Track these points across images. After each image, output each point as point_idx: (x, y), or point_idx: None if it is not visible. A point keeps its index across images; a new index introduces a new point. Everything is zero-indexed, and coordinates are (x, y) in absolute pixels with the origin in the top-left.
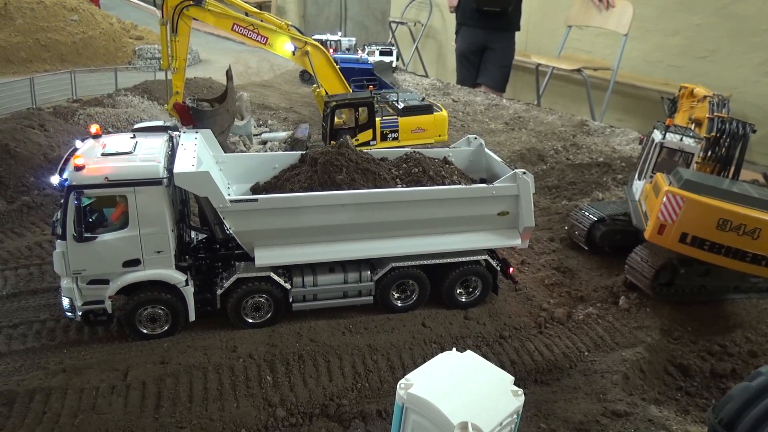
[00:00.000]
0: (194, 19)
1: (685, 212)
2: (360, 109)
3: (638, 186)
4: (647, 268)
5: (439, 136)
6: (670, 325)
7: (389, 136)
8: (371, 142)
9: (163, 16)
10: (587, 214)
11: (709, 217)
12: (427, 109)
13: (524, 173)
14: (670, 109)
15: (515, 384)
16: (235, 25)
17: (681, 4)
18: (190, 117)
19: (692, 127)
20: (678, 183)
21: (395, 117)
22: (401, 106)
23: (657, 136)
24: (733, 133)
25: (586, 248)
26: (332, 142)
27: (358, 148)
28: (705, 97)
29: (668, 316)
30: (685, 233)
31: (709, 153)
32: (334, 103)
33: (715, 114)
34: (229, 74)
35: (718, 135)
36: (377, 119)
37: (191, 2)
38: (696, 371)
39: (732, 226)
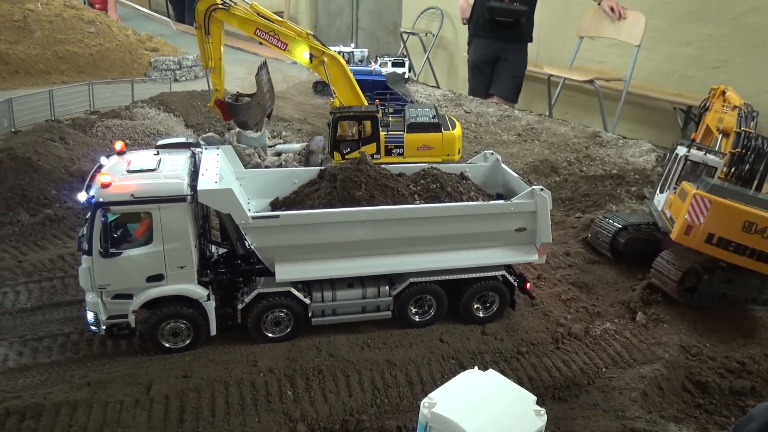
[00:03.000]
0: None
1: (712, 214)
2: (364, 122)
3: (660, 198)
4: (674, 271)
5: (447, 155)
6: (687, 341)
7: (394, 151)
8: (375, 156)
9: (195, 20)
10: (612, 221)
11: (736, 220)
12: (435, 126)
13: (542, 190)
14: (701, 111)
15: (537, 403)
16: (258, 30)
17: (693, 15)
18: (228, 112)
19: (719, 138)
20: (705, 188)
21: (401, 133)
22: (408, 122)
23: (681, 150)
24: (758, 150)
25: (610, 255)
26: (335, 153)
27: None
28: (735, 106)
29: (686, 332)
30: (712, 234)
31: (732, 169)
32: (337, 115)
33: (742, 128)
34: (260, 69)
35: (743, 151)
36: (382, 133)
37: (219, 6)
38: (715, 389)
39: (757, 229)
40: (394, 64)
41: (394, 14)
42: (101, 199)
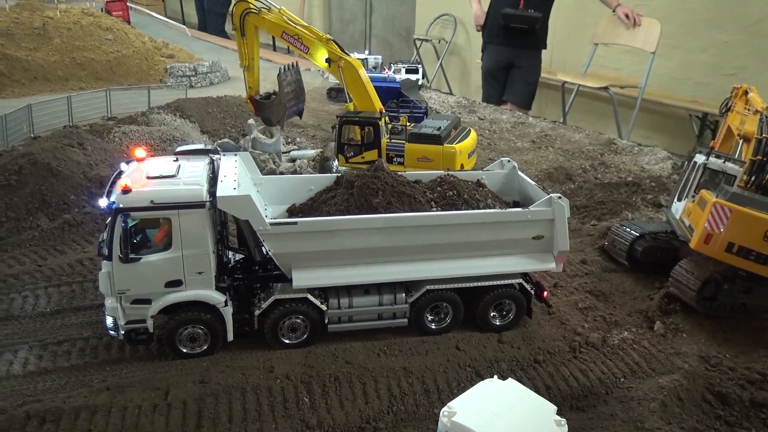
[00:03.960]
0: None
1: (733, 223)
2: (366, 127)
3: (678, 206)
4: (693, 280)
5: (447, 169)
6: (707, 351)
7: (395, 159)
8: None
9: (233, 22)
10: (629, 229)
11: (757, 229)
12: (435, 138)
13: (560, 197)
14: (722, 110)
15: (557, 413)
16: (284, 33)
17: (709, 22)
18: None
19: (740, 143)
20: (725, 197)
21: (403, 141)
22: (410, 131)
23: (700, 158)
24: None
25: (627, 264)
26: (339, 155)
27: (358, 166)
28: (757, 111)
29: (705, 342)
30: (732, 243)
31: (753, 178)
32: (342, 119)
33: (764, 135)
34: (281, 70)
35: (764, 159)
36: (384, 140)
37: (251, 10)
38: (735, 400)
39: None
40: (407, 71)
41: (407, 21)
42: (122, 205)
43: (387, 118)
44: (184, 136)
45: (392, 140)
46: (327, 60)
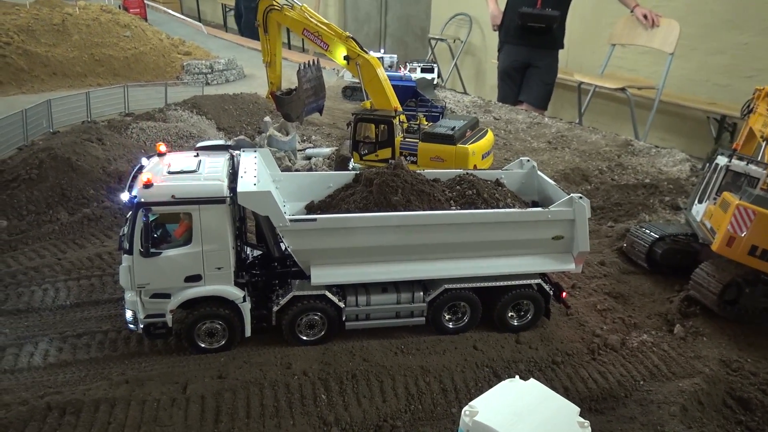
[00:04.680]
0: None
1: (756, 225)
2: (381, 125)
3: (699, 209)
4: (714, 283)
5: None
6: (728, 355)
7: (408, 158)
8: (390, 161)
9: (257, 18)
10: (648, 231)
11: None
12: (448, 138)
13: (581, 197)
14: (743, 112)
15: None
16: (305, 30)
17: (728, 23)
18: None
19: (763, 145)
20: (748, 199)
21: (416, 141)
22: (424, 130)
23: (722, 160)
24: None
25: (646, 266)
26: (354, 152)
27: (372, 164)
28: None
29: (726, 346)
30: (755, 246)
31: None
32: (358, 116)
33: None
34: (301, 67)
35: None
36: (398, 138)
37: (274, 7)
38: (757, 405)
39: None
40: (423, 70)
41: (422, 20)
42: (143, 199)
43: (404, 117)
44: (201, 132)
45: (406, 139)
46: (345, 57)
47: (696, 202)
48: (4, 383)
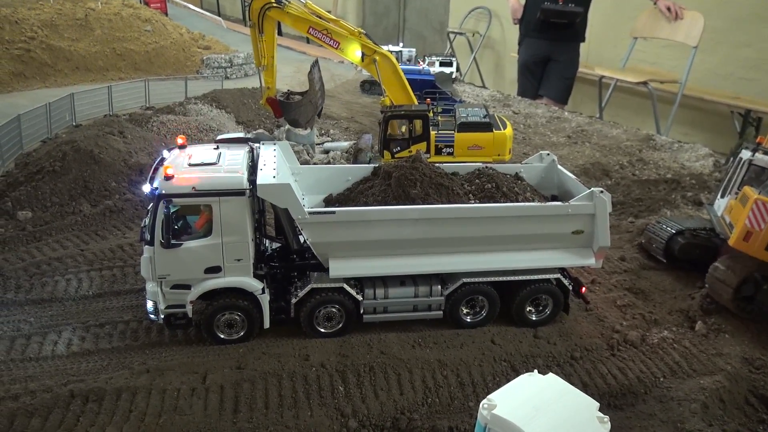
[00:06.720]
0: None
1: None
2: (415, 121)
3: (721, 203)
4: (730, 277)
5: (498, 155)
6: (751, 353)
7: (444, 150)
8: (425, 155)
9: (249, 19)
10: (666, 226)
11: None
12: (486, 126)
13: (602, 192)
14: None
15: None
16: (311, 29)
17: (755, 15)
18: (280, 110)
19: None
20: None
21: (452, 132)
22: (459, 121)
23: (746, 154)
24: None
25: (664, 261)
26: (385, 151)
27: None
28: None
29: (749, 343)
30: None
31: None
32: (388, 113)
33: None
34: (312, 67)
35: None
36: (432, 132)
37: (273, 5)
38: None
39: None
40: (441, 64)
41: (440, 14)
42: (164, 191)
43: (439, 108)
44: (220, 126)
45: (440, 131)
46: (360, 55)
47: (719, 196)
48: (30, 370)
